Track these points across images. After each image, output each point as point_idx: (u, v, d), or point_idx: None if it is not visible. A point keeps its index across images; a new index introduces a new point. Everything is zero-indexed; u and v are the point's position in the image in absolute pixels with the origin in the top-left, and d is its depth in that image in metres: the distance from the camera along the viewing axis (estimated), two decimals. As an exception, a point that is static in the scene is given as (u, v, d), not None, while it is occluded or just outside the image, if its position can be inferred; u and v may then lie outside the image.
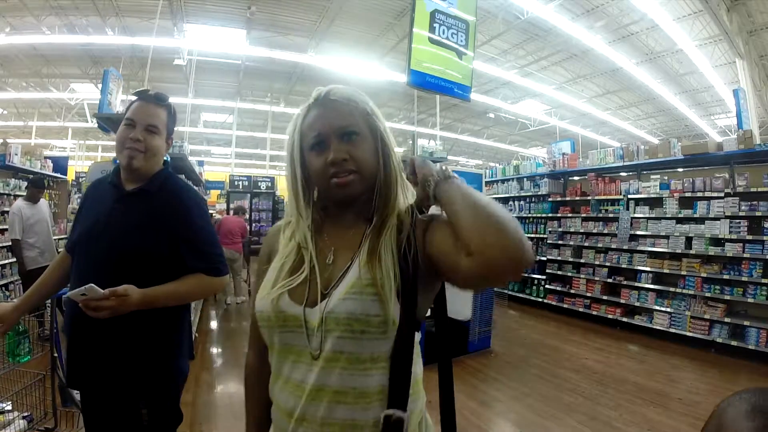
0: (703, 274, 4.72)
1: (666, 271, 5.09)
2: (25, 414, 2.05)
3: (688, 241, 4.94)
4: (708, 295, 4.69)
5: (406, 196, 0.85)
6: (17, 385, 2.08)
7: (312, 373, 0.75)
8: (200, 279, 1.35)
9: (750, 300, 4.37)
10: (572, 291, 6.23)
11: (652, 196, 5.40)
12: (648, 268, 5.28)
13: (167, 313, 1.34)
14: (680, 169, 5.65)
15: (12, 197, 5.76)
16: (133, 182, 1.39)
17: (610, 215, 5.84)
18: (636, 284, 5.40)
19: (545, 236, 6.71)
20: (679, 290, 4.95)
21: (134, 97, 1.42)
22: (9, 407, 2.00)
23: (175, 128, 1.54)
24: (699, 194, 4.93)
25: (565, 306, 6.31)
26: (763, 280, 4.27)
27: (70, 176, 8.90)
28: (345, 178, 0.79)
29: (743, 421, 0.53)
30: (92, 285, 1.11)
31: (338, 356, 0.74)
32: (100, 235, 1.31)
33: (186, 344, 1.48)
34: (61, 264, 1.44)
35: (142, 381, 1.31)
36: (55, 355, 2.07)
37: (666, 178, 5.42)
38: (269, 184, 14.27)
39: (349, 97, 0.87)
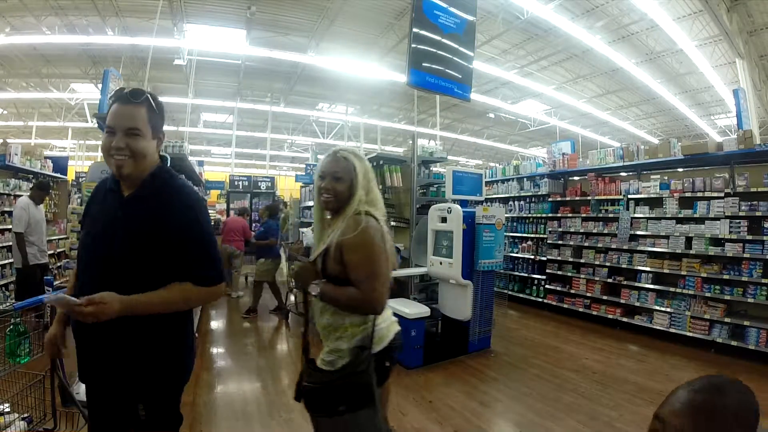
0: (703, 274, 4.72)
1: (666, 271, 5.09)
2: (25, 415, 2.05)
3: (688, 241, 4.94)
4: (708, 295, 4.69)
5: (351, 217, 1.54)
6: (17, 387, 2.08)
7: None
8: (186, 289, 1.30)
9: (750, 300, 4.37)
10: (572, 291, 6.22)
11: (652, 196, 5.40)
12: (648, 268, 5.28)
13: (165, 317, 1.34)
14: (680, 169, 5.64)
15: (12, 197, 5.76)
16: (130, 187, 1.37)
17: (610, 215, 5.84)
18: (636, 284, 5.40)
19: (545, 236, 6.70)
20: (679, 290, 4.95)
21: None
22: (8, 409, 2.00)
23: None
24: (699, 194, 4.93)
25: (565, 306, 6.31)
26: (763, 280, 4.27)
27: (70, 176, 8.89)
28: (326, 198, 1.58)
29: (683, 392, 0.75)
30: (63, 295, 1.18)
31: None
32: (102, 243, 1.31)
33: (188, 345, 1.49)
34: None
35: (140, 381, 1.33)
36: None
37: (666, 178, 5.42)
38: (269, 184, 14.23)
39: (346, 156, 1.59)
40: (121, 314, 1.20)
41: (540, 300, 6.72)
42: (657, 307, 5.15)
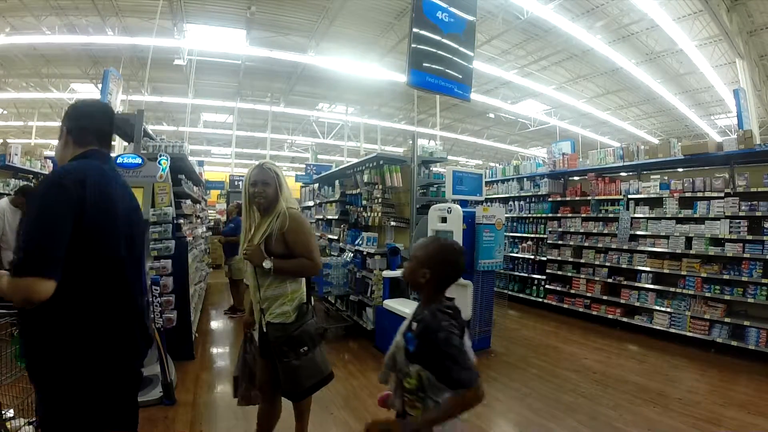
0: (703, 274, 4.72)
1: (666, 271, 5.09)
2: (32, 420, 2.04)
3: (688, 241, 4.94)
4: (708, 295, 4.69)
5: (285, 211, 2.02)
6: (24, 392, 2.07)
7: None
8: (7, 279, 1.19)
9: (750, 300, 4.37)
10: (572, 291, 6.22)
11: (652, 196, 5.40)
12: (648, 268, 5.28)
13: (63, 323, 1.23)
14: (680, 169, 5.65)
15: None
16: None
17: (610, 215, 5.84)
18: (636, 284, 5.40)
19: (545, 236, 6.70)
20: (679, 290, 4.95)
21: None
22: (11, 414, 1.99)
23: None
24: (699, 194, 4.93)
25: (565, 306, 6.31)
26: (763, 280, 4.27)
27: (70, 176, 8.87)
28: (259, 200, 2.04)
29: (419, 241, 1.50)
30: None
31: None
32: None
33: (92, 362, 1.27)
34: None
35: (37, 384, 1.28)
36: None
37: (666, 178, 5.42)
38: (269, 184, 14.25)
39: (269, 167, 2.08)
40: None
41: (540, 300, 6.72)
42: (657, 307, 5.15)
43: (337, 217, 6.35)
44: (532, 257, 6.92)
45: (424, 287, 1.41)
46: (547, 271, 6.62)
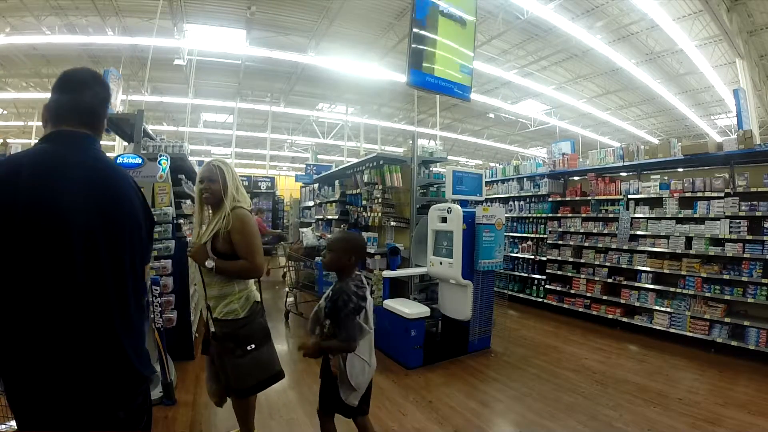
0: (703, 274, 4.72)
1: (666, 271, 5.09)
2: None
3: (688, 241, 4.94)
4: (708, 295, 4.69)
5: (229, 211, 2.06)
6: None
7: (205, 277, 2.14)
8: None
9: (750, 300, 4.37)
10: (572, 291, 6.22)
11: (652, 196, 5.40)
12: (648, 268, 5.28)
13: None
14: (680, 169, 5.64)
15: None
16: None
17: (610, 215, 5.84)
18: (636, 284, 5.40)
19: (545, 236, 6.70)
20: (679, 290, 4.95)
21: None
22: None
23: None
24: (699, 194, 4.93)
25: (565, 306, 6.31)
26: (763, 280, 4.27)
27: (70, 176, 8.86)
28: (206, 196, 2.12)
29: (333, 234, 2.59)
30: None
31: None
32: None
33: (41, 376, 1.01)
34: None
35: None
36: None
37: (666, 178, 5.41)
38: (269, 184, 14.26)
39: (216, 164, 2.14)
40: None
41: (540, 300, 6.72)
42: (657, 307, 5.15)
43: (337, 217, 6.35)
44: (532, 257, 6.92)
45: (348, 268, 1.98)
46: (547, 271, 6.62)
